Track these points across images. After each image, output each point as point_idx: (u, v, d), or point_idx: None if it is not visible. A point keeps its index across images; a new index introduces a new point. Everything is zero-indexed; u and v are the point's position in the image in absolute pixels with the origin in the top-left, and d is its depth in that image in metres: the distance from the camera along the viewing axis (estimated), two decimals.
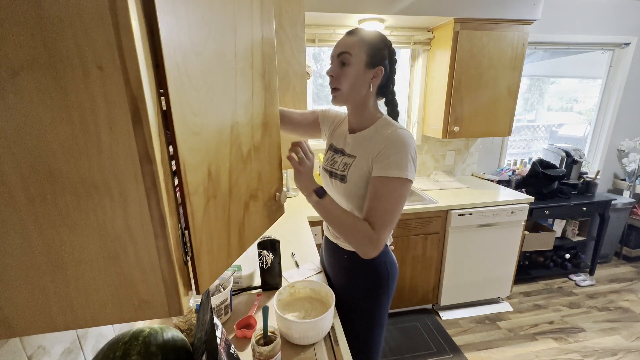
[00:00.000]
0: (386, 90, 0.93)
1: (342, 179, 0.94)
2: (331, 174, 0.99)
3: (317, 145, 2.32)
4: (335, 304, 1.05)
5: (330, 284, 1.12)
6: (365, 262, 0.98)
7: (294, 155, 0.86)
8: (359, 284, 1.01)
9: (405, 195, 0.83)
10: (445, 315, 2.20)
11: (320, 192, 0.86)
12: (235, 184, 0.52)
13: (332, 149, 1.04)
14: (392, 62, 0.90)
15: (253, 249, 1.11)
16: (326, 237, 1.12)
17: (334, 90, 0.89)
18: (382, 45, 0.86)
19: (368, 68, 0.86)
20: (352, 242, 0.84)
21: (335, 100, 0.91)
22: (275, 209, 0.70)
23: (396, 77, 0.95)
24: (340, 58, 0.86)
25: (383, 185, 0.82)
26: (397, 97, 0.97)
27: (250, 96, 0.56)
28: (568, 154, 2.52)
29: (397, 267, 1.04)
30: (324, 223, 1.12)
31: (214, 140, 0.46)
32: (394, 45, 0.92)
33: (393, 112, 0.96)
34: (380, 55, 0.86)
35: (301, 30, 1.31)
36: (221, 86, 0.47)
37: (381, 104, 0.97)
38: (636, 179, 2.79)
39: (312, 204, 0.88)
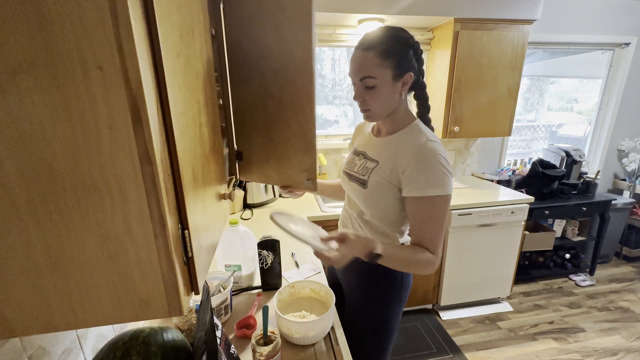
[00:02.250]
0: (415, 85, 0.87)
1: (363, 184, 0.90)
2: (350, 177, 0.95)
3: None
4: (346, 309, 1.04)
5: (337, 286, 1.10)
6: (380, 269, 0.91)
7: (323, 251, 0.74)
8: (372, 290, 0.97)
9: (447, 210, 0.80)
10: (445, 315, 2.20)
11: (373, 257, 0.76)
12: (203, 183, 0.53)
13: (354, 152, 1.01)
14: (420, 58, 0.83)
15: (253, 249, 1.11)
16: None
17: (365, 111, 0.85)
18: (406, 49, 0.78)
19: (396, 80, 0.80)
20: (418, 271, 0.83)
21: (369, 119, 0.87)
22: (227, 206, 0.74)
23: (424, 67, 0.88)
24: (364, 82, 0.79)
25: (424, 206, 0.79)
26: (427, 90, 0.91)
27: (204, 98, 0.57)
28: (568, 154, 2.52)
29: (412, 275, 1.00)
30: (340, 223, 1.10)
31: (193, 140, 0.48)
32: None
33: (423, 106, 0.91)
34: (407, 60, 0.79)
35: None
36: (191, 87, 0.49)
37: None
38: (636, 179, 2.79)
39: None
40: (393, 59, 0.77)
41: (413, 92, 0.90)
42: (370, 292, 0.98)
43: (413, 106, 0.93)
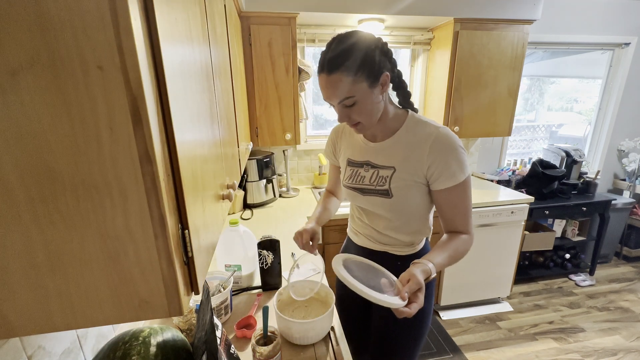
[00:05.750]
0: (392, 79, 0.83)
1: (386, 194, 0.86)
2: (364, 191, 0.90)
3: (315, 145, 2.32)
4: (382, 313, 0.99)
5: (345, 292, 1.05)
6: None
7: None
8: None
9: (471, 185, 0.83)
10: (445, 315, 2.20)
11: (432, 270, 0.73)
12: (202, 183, 0.53)
13: (352, 164, 0.94)
14: (387, 52, 0.78)
15: (253, 249, 1.11)
16: (361, 247, 1.01)
17: (355, 125, 0.80)
18: (371, 52, 0.73)
19: (374, 87, 0.75)
20: (462, 258, 0.84)
21: (362, 131, 0.83)
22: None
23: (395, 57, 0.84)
24: (343, 103, 0.76)
25: (456, 193, 0.81)
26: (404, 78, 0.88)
27: (204, 98, 0.57)
28: (568, 154, 2.52)
29: None
30: (357, 240, 1.03)
31: (193, 140, 0.48)
32: (393, 46, 0.87)
33: (404, 95, 0.88)
34: (377, 63, 0.74)
35: None
36: (192, 87, 0.50)
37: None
38: (636, 179, 2.79)
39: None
40: (364, 70, 0.72)
41: (391, 85, 0.85)
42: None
43: (393, 96, 0.90)
